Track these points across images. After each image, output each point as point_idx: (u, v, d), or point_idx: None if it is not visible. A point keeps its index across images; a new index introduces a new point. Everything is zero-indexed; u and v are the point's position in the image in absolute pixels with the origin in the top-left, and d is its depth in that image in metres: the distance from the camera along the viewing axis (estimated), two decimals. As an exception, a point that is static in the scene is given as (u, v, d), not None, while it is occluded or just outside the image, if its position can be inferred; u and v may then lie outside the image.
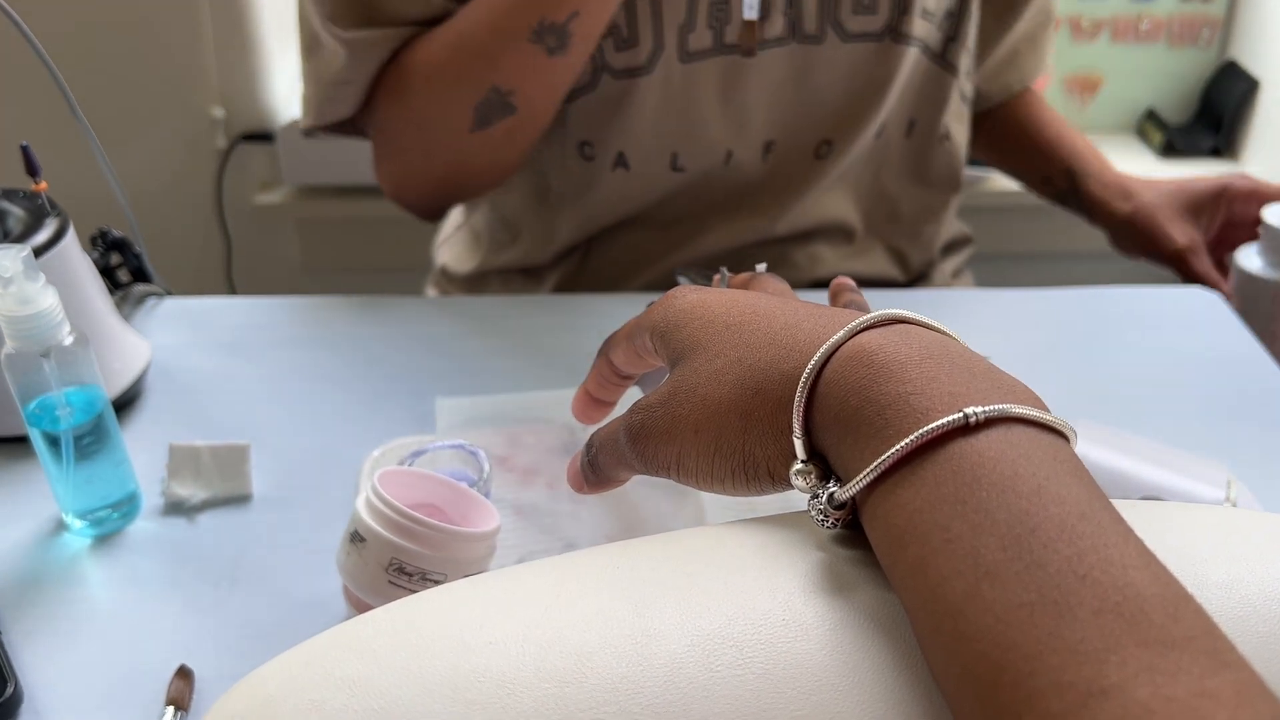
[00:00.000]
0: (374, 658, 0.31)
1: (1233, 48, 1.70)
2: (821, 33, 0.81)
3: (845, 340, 0.34)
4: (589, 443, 0.44)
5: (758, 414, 0.35)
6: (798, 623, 0.30)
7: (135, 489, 0.62)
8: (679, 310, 0.41)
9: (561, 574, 0.33)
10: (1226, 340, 0.80)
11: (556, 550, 0.61)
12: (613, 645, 0.30)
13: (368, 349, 0.77)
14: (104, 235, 0.80)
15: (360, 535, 0.51)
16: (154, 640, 0.55)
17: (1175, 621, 0.25)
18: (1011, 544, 0.27)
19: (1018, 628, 0.26)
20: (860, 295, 0.47)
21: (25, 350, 0.55)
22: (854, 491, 0.31)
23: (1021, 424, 0.30)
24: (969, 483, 0.28)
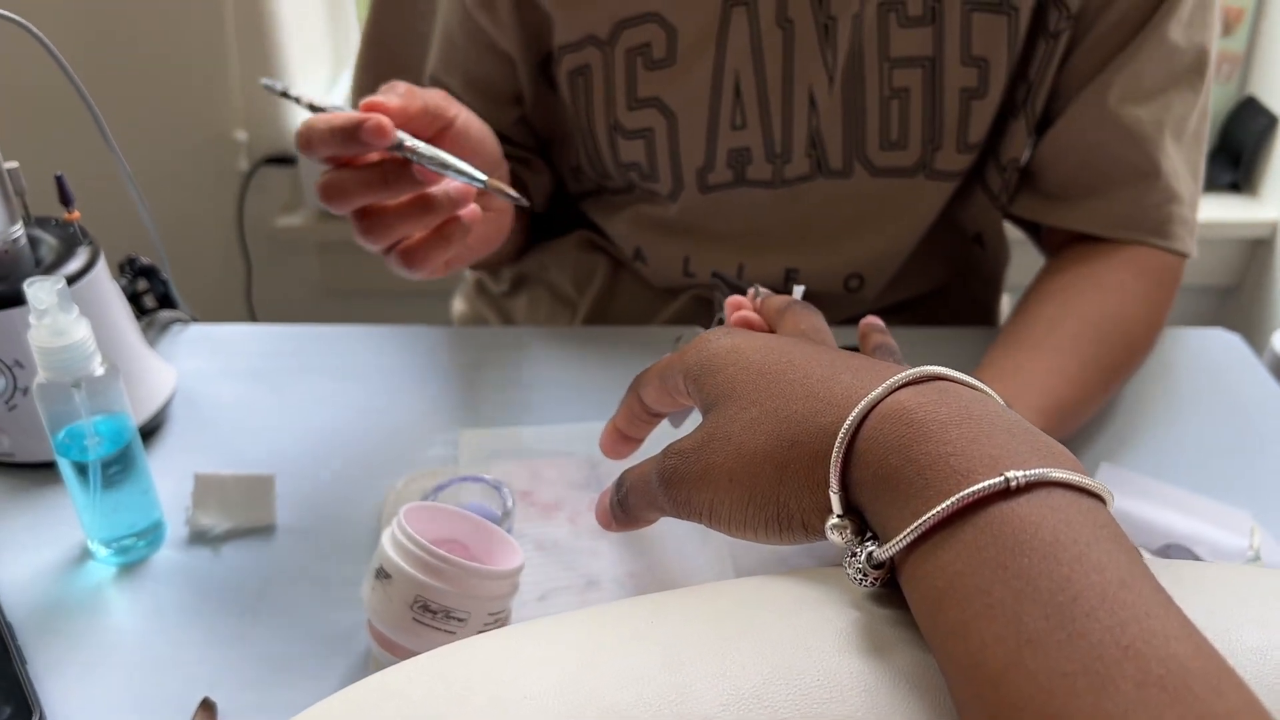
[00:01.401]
0: (410, 709, 0.31)
1: (1252, 83, 1.71)
2: (848, 168, 0.80)
3: (884, 396, 0.34)
4: (619, 481, 0.44)
5: (793, 466, 0.35)
6: (833, 683, 0.30)
7: (160, 517, 0.63)
8: (713, 354, 0.41)
9: (595, 628, 0.34)
10: (1248, 384, 0.80)
11: (577, 587, 0.60)
12: (647, 703, 0.30)
13: (391, 379, 0.77)
14: (132, 262, 0.81)
15: (386, 572, 0.51)
16: (177, 670, 0.55)
17: (1219, 696, 0.25)
18: (1054, 612, 0.27)
19: (1060, 698, 0.26)
20: (889, 337, 0.48)
21: (57, 380, 0.55)
22: (894, 551, 0.31)
23: (1061, 488, 0.30)
24: (1010, 548, 0.28)
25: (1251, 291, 1.74)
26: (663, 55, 0.75)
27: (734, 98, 0.76)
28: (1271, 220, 1.66)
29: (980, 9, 0.72)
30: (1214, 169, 1.71)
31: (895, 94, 0.76)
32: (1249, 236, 1.70)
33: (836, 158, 0.79)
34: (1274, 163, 1.67)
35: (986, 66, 0.74)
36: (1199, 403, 0.77)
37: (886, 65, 0.74)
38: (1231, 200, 1.70)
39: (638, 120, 0.77)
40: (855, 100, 0.76)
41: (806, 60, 0.75)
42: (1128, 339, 0.74)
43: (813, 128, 0.77)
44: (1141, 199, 0.76)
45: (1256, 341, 0.92)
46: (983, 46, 0.74)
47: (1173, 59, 0.74)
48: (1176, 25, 0.73)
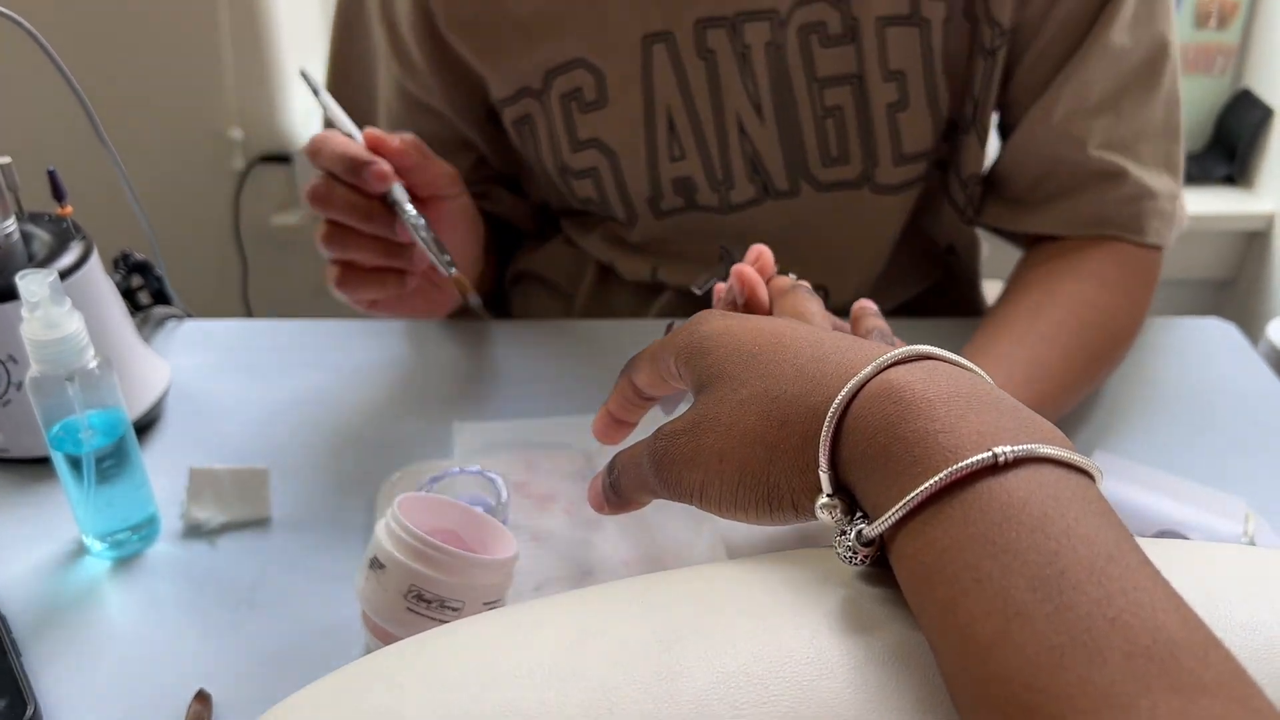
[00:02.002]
0: (401, 690, 0.31)
1: (1247, 76, 1.71)
2: (795, 188, 0.80)
3: (873, 375, 0.34)
4: (611, 464, 0.45)
5: (783, 446, 0.36)
6: (823, 661, 0.30)
7: (155, 511, 0.63)
8: (704, 336, 0.41)
9: (586, 608, 0.34)
10: (1243, 372, 0.80)
11: (573, 577, 0.61)
12: (637, 681, 0.30)
13: (386, 372, 0.77)
14: (126, 258, 0.81)
15: (380, 561, 0.51)
16: (172, 663, 0.55)
17: (1206, 666, 0.25)
18: (1041, 585, 0.27)
19: (1048, 671, 0.26)
20: (882, 320, 0.48)
21: (50, 374, 0.55)
22: (883, 528, 0.31)
23: (1050, 464, 0.30)
24: (998, 522, 0.28)
25: (1248, 284, 1.74)
26: (594, 98, 0.77)
27: (668, 131, 0.78)
28: (1267, 213, 1.66)
29: (892, 23, 0.73)
30: (1209, 162, 1.71)
31: (829, 112, 0.77)
32: (1245, 229, 1.70)
33: (781, 179, 0.80)
34: (1269, 155, 1.67)
35: (904, 79, 0.75)
36: (1194, 391, 0.77)
37: (816, 85, 0.75)
38: (1227, 193, 1.70)
39: (582, 161, 0.80)
40: (790, 122, 0.77)
41: (733, 89, 0.76)
42: (1108, 328, 0.74)
43: (749, 153, 0.79)
44: (1108, 198, 0.76)
45: (1253, 333, 0.92)
46: (899, 60, 0.74)
47: (1120, 62, 0.73)
48: (1119, 29, 0.72)
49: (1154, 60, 0.74)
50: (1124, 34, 0.72)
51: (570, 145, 0.79)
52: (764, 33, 0.72)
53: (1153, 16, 0.73)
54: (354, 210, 0.67)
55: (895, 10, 0.72)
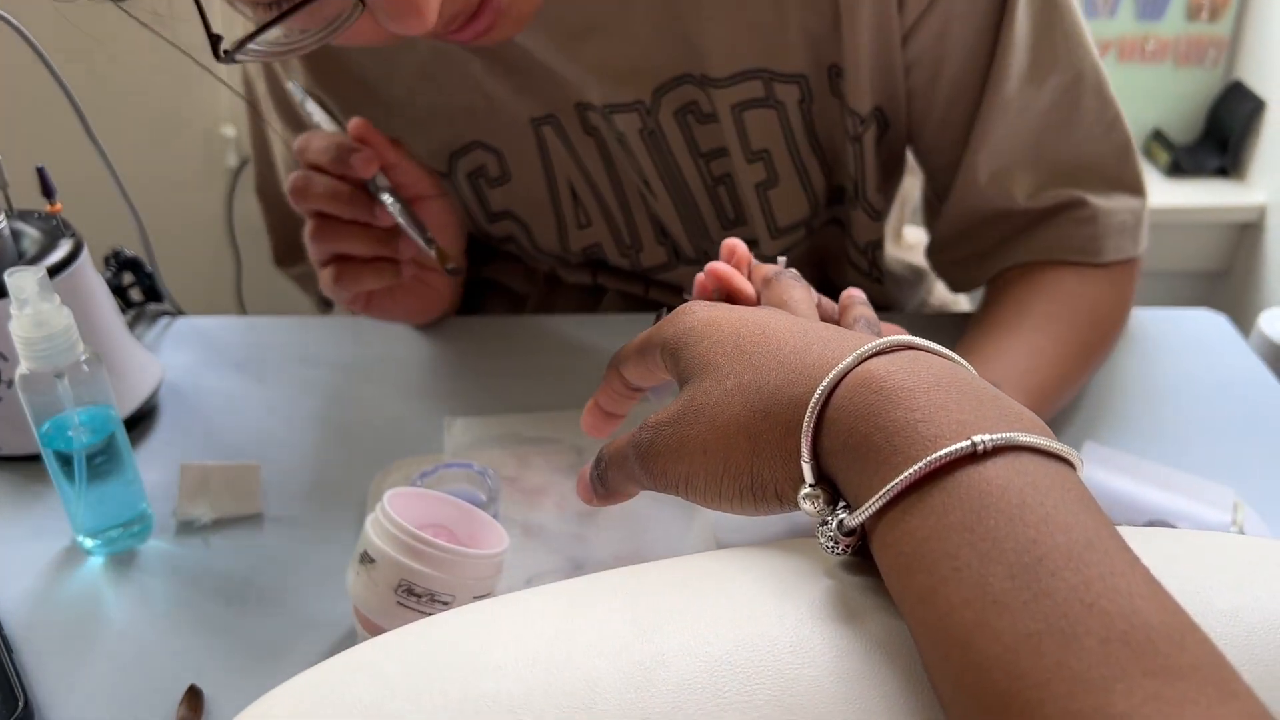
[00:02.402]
0: (385, 682, 0.31)
1: (1239, 68, 1.71)
2: (700, 255, 0.81)
3: (854, 366, 0.34)
4: (598, 457, 0.45)
5: (766, 437, 0.36)
6: (806, 649, 0.31)
7: (146, 508, 0.63)
8: (689, 328, 0.41)
9: (570, 599, 0.34)
10: (1232, 363, 0.80)
11: (564, 570, 0.61)
12: (621, 670, 0.30)
13: (376, 369, 0.77)
14: (117, 255, 0.81)
15: (370, 556, 0.51)
16: (164, 659, 0.55)
17: (1182, 651, 0.25)
18: (1019, 572, 0.27)
19: (1026, 657, 0.26)
20: (869, 309, 0.48)
21: (40, 371, 0.55)
22: (863, 518, 0.31)
23: (1029, 452, 0.30)
24: (977, 510, 0.29)
25: (1240, 276, 1.74)
26: (498, 174, 0.79)
27: (572, 201, 0.79)
28: (1259, 204, 1.67)
29: (748, 107, 0.73)
30: (1201, 154, 1.72)
31: (719, 181, 0.77)
32: (1236, 221, 1.70)
33: (687, 247, 0.81)
34: (1261, 147, 1.67)
35: (770, 157, 0.75)
36: (1185, 382, 0.78)
37: (701, 160, 0.76)
38: (1219, 185, 1.70)
39: (500, 230, 0.82)
40: (683, 194, 0.78)
41: (624, 163, 0.77)
42: (1095, 316, 0.73)
43: (655, 218, 0.80)
44: (1059, 228, 0.74)
45: (1244, 324, 0.92)
46: (760, 140, 0.74)
47: (1027, 113, 0.71)
48: (1014, 82, 0.70)
49: (1068, 94, 0.71)
50: (1023, 86, 0.70)
51: (485, 217, 0.81)
52: (635, 121, 0.74)
53: (1054, 57, 0.70)
54: (335, 199, 0.68)
55: (750, 95, 0.72)
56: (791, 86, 0.72)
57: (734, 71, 0.71)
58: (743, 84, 0.72)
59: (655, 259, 0.82)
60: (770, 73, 0.71)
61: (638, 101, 0.73)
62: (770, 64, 0.71)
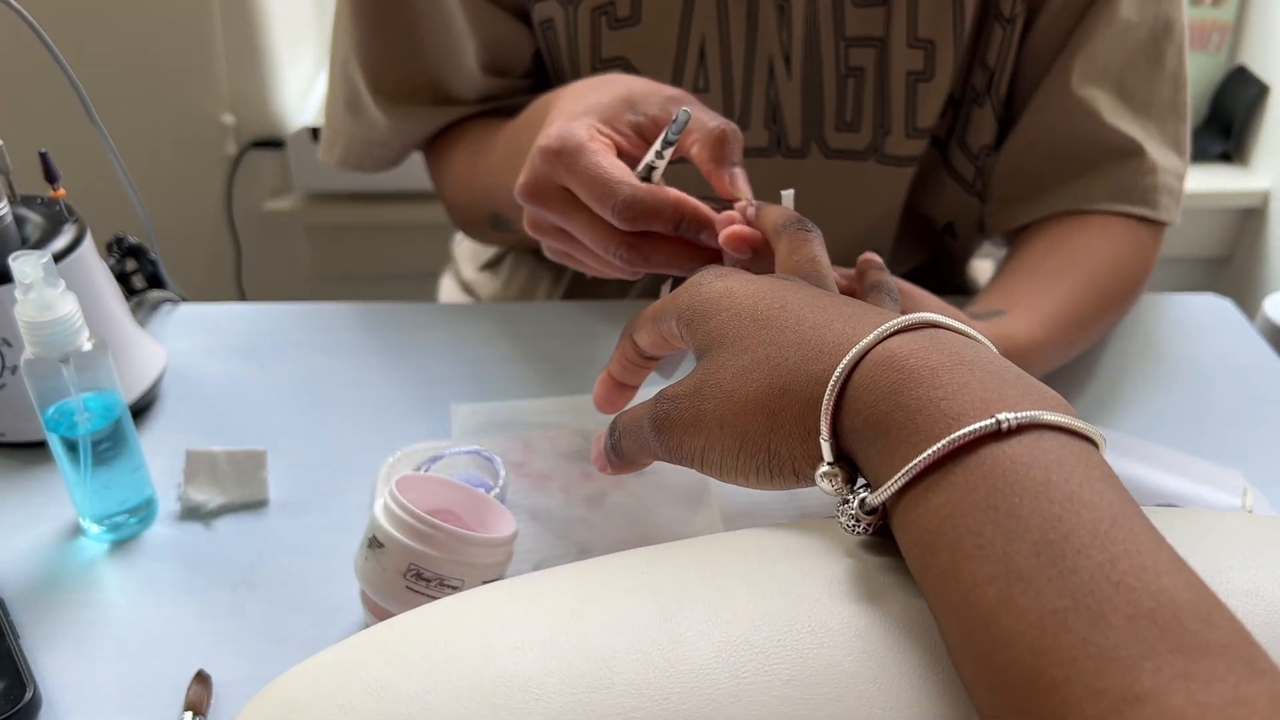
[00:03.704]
0: (401, 663, 0.31)
1: (1242, 53, 1.70)
2: (805, 147, 0.79)
3: (875, 344, 0.33)
4: (613, 426, 0.44)
5: (785, 414, 0.35)
6: (825, 629, 0.30)
7: (152, 494, 0.62)
8: (706, 298, 0.40)
9: (587, 579, 0.33)
10: (1239, 347, 0.80)
11: (572, 555, 0.60)
12: (639, 651, 0.30)
13: (382, 355, 0.77)
14: (120, 241, 0.80)
15: (378, 541, 0.51)
16: (171, 645, 0.55)
17: (1209, 628, 0.25)
18: (1044, 550, 0.27)
19: (1051, 634, 0.26)
20: (886, 274, 0.47)
21: (45, 356, 0.55)
22: (886, 495, 0.31)
23: (1053, 430, 0.30)
24: (1001, 488, 0.28)
25: (1244, 260, 1.74)
26: (628, 14, 0.74)
27: (698, 61, 0.75)
28: (1263, 189, 1.66)
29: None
30: (1204, 139, 1.71)
31: (851, 73, 0.76)
32: (1240, 206, 1.70)
33: (795, 135, 0.79)
34: (1265, 132, 1.67)
35: (933, 49, 0.74)
36: (1192, 367, 0.77)
37: (843, 44, 0.74)
38: (1223, 170, 1.70)
39: None
40: (813, 78, 0.76)
41: (768, 33, 0.75)
42: (1117, 270, 0.74)
43: (772, 100, 0.77)
44: (1124, 172, 0.76)
45: (1249, 309, 0.92)
46: (929, 28, 0.73)
47: (1126, 36, 0.73)
48: (1126, 2, 0.72)
49: (1158, 38, 0.74)
50: (1130, 7, 0.72)
51: (591, 61, 0.76)
52: None
53: (1158, 1, 0.73)
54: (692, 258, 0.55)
55: None
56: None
57: None
58: None
59: (757, 141, 0.79)
60: None
61: None
62: None
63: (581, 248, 0.57)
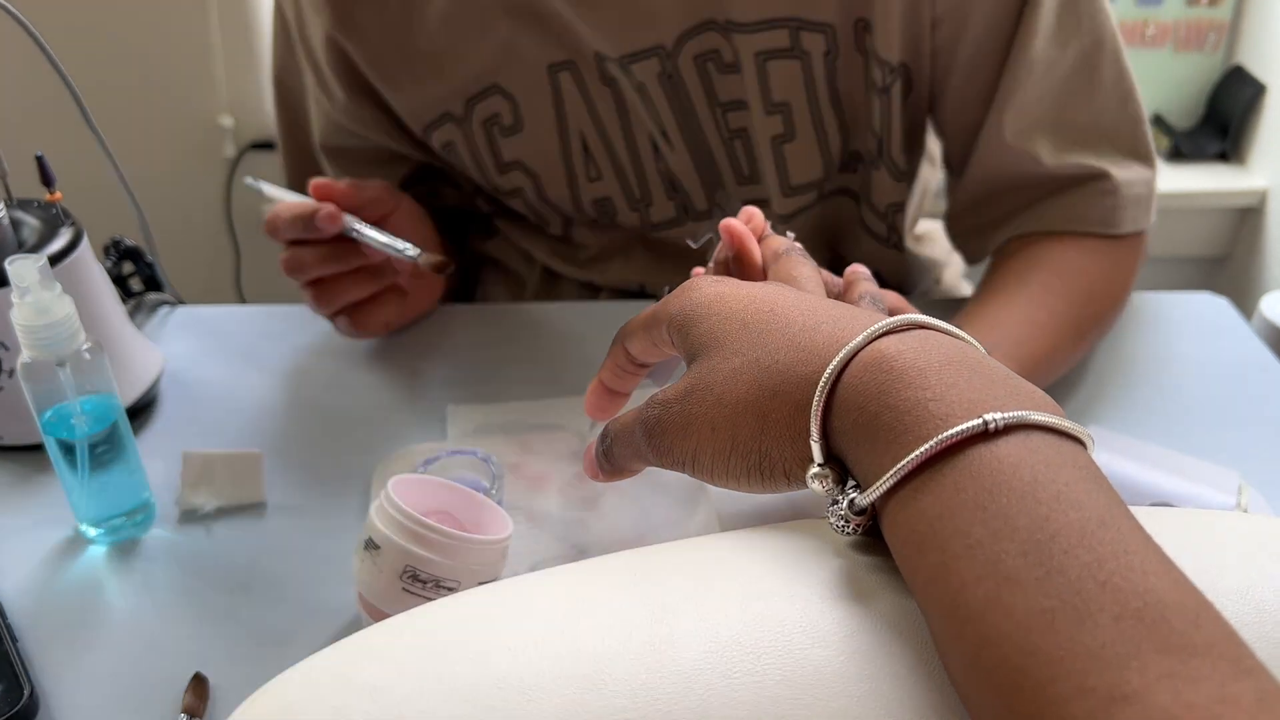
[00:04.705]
0: (395, 664, 0.31)
1: (1239, 53, 1.71)
2: (711, 209, 0.81)
3: (864, 345, 0.34)
4: (604, 433, 0.44)
5: (775, 416, 0.35)
6: (815, 629, 0.30)
7: (149, 497, 0.62)
8: (696, 304, 0.41)
9: (579, 581, 0.34)
10: (1235, 346, 0.80)
11: (568, 556, 0.61)
12: (631, 652, 0.30)
13: (378, 357, 0.77)
14: (117, 244, 0.80)
15: (374, 542, 0.51)
16: (169, 647, 0.55)
17: (1196, 628, 0.25)
18: (1032, 550, 0.27)
19: (1039, 633, 0.26)
20: (874, 285, 0.47)
21: (42, 359, 0.55)
22: (875, 496, 0.31)
23: (1041, 431, 0.30)
24: (989, 489, 0.28)
25: (1241, 260, 1.74)
26: (511, 122, 0.79)
27: (583, 154, 0.79)
28: (1260, 189, 1.66)
29: (773, 57, 0.73)
30: (1202, 139, 1.71)
31: (735, 135, 0.77)
32: (1238, 205, 1.70)
33: (699, 199, 0.81)
34: (1262, 131, 1.67)
35: (789, 111, 0.75)
36: (1188, 366, 0.77)
37: (719, 110, 0.76)
38: (1220, 169, 1.70)
39: (509, 181, 0.82)
40: (699, 145, 0.78)
41: (639, 116, 0.77)
42: (1095, 290, 0.73)
43: (665, 173, 0.80)
44: (1078, 198, 0.75)
45: (1246, 308, 0.92)
46: (781, 92, 0.74)
47: (1051, 74, 0.72)
48: (1041, 41, 0.70)
49: (1089, 58, 0.72)
50: (1045, 46, 0.71)
51: (496, 168, 0.81)
52: (654, 67, 0.74)
53: (1078, 21, 0.71)
54: (328, 260, 0.72)
55: (775, 44, 0.72)
56: (818, 36, 0.72)
57: (761, 18, 0.71)
58: (769, 31, 0.72)
59: (664, 214, 0.82)
60: (799, 20, 0.71)
61: (658, 46, 0.73)
62: (799, 11, 0.71)
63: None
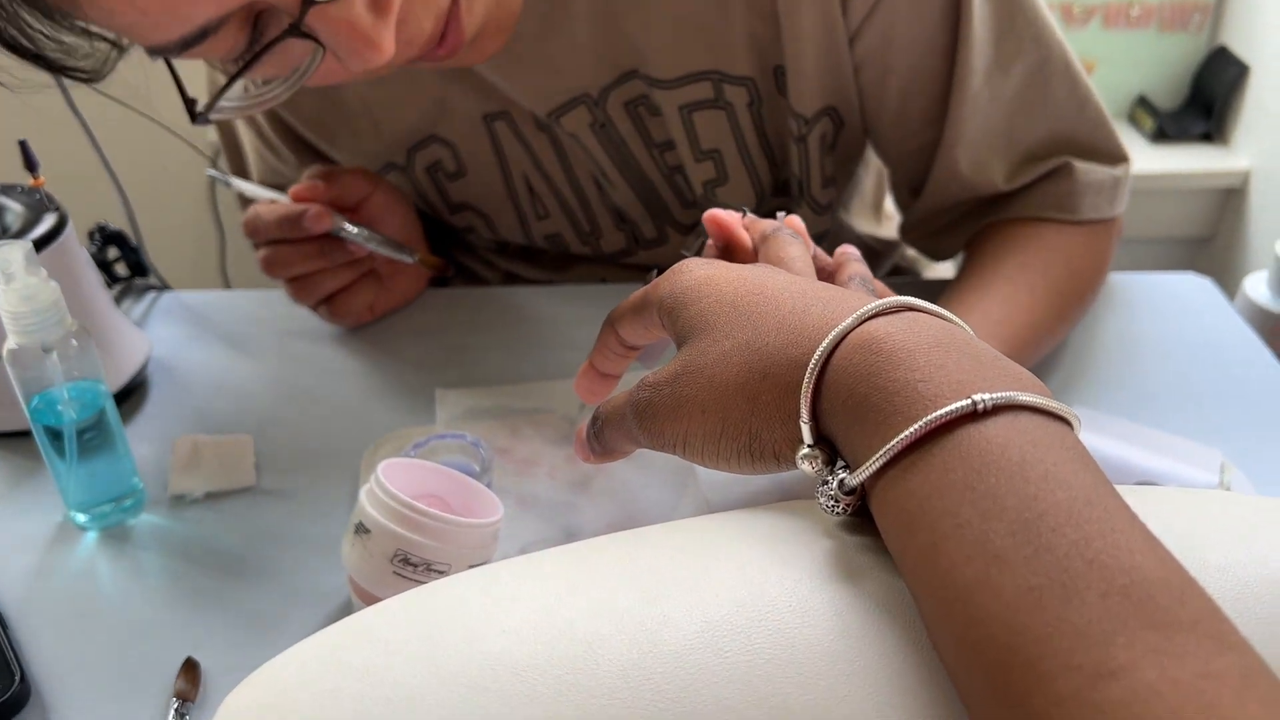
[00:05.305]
0: (387, 647, 0.31)
1: (1223, 33, 1.71)
2: (662, 235, 0.82)
3: (854, 326, 0.34)
4: (595, 415, 0.45)
5: (765, 398, 0.36)
6: (806, 609, 0.31)
7: (138, 483, 0.62)
8: (686, 286, 0.41)
9: (572, 563, 0.34)
10: (1218, 326, 0.81)
11: (558, 539, 0.61)
12: (624, 632, 0.30)
13: (366, 341, 0.77)
14: (102, 230, 0.80)
15: (365, 527, 0.51)
16: (160, 633, 0.55)
17: (1181, 605, 0.26)
18: (1020, 529, 0.27)
19: (1026, 611, 0.26)
20: (864, 266, 0.48)
21: (28, 345, 0.55)
22: (864, 476, 0.32)
23: (1028, 411, 0.30)
24: (978, 469, 0.29)
25: (1225, 240, 1.75)
26: (455, 169, 0.80)
27: (529, 194, 0.80)
28: (1243, 169, 1.67)
29: (698, 108, 0.73)
30: (1186, 120, 1.72)
31: (674, 170, 0.78)
32: (1221, 186, 1.71)
33: (648, 228, 0.82)
34: (1245, 112, 1.68)
35: (720, 157, 0.76)
36: (1172, 346, 0.78)
37: (655, 150, 0.76)
38: (1204, 150, 1.71)
39: (461, 220, 0.83)
40: (640, 180, 0.78)
41: (578, 158, 0.77)
42: (1071, 267, 0.73)
43: (612, 207, 0.80)
44: (1038, 194, 0.74)
45: (1229, 288, 0.93)
46: (710, 140, 0.75)
47: (995, 104, 0.71)
48: (979, 78, 0.69)
49: (1035, 77, 0.71)
50: (991, 77, 0.70)
51: (447, 209, 0.82)
52: (584, 116, 0.74)
53: (1019, 44, 0.70)
54: (310, 257, 0.72)
55: (699, 96, 0.72)
56: (740, 89, 0.72)
57: (681, 74, 0.71)
58: (691, 85, 0.72)
59: (615, 245, 0.83)
60: (720, 74, 0.71)
61: (584, 94, 0.73)
62: (719, 65, 0.71)
63: None
